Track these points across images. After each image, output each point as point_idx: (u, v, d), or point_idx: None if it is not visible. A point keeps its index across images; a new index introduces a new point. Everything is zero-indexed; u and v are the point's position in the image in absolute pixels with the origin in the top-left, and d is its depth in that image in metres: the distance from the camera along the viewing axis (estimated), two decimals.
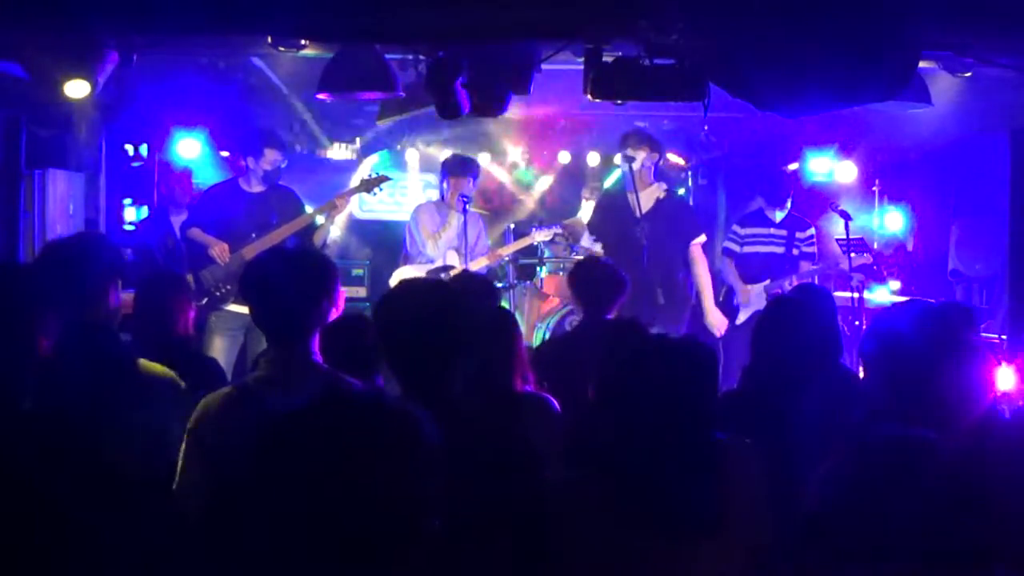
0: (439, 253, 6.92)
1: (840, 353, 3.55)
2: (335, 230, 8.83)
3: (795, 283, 6.87)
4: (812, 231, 7.25)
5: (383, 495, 1.41)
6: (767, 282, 7.01)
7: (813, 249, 7.23)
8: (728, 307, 7.17)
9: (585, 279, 4.83)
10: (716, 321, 6.68)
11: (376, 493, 1.40)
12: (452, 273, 6.69)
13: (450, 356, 2.60)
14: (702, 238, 6.72)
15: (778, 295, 5.90)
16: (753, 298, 7.03)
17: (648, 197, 6.56)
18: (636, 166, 6.45)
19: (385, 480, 1.41)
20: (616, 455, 2.45)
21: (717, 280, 7.48)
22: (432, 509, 1.46)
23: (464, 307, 2.67)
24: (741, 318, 7.04)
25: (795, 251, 7.14)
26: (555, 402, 3.40)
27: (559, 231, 7.65)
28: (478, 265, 6.79)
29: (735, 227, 7.41)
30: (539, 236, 7.48)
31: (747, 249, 7.17)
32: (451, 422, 2.31)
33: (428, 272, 6.83)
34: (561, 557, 2.49)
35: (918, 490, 1.34)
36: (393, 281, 6.99)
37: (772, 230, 7.15)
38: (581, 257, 6.84)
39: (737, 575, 2.40)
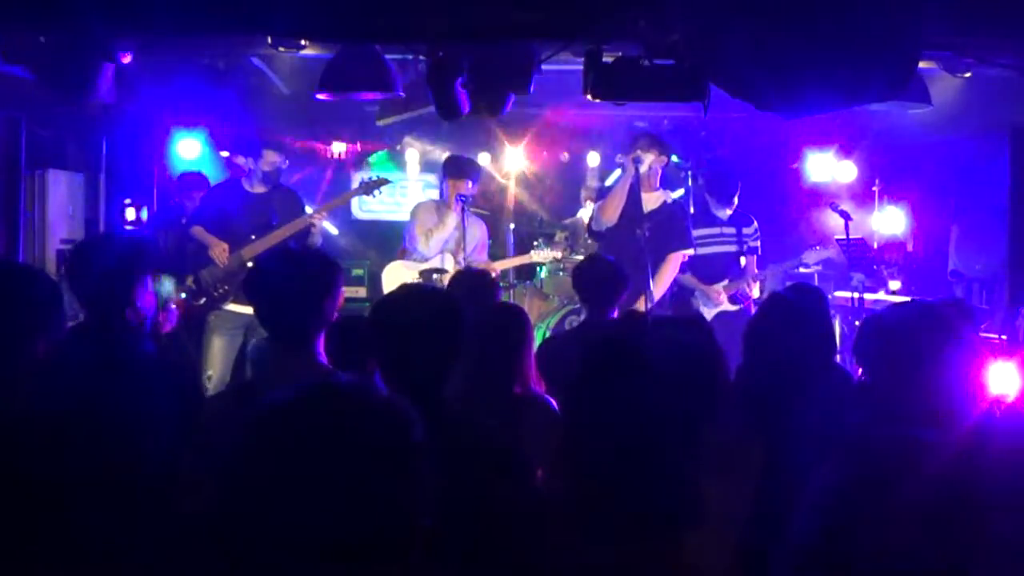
0: (430, 251, 6.84)
1: (834, 352, 3.54)
2: (333, 230, 8.82)
3: (754, 283, 6.83)
4: (755, 225, 7.09)
5: (372, 489, 1.40)
6: (725, 283, 6.88)
7: (757, 243, 7.08)
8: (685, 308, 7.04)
9: (588, 277, 4.83)
10: None
11: (365, 486, 1.39)
12: (445, 277, 6.65)
13: (443, 363, 2.60)
14: (690, 251, 6.60)
15: (774, 293, 5.85)
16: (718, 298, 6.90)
17: (653, 200, 6.51)
18: (644, 168, 6.33)
19: (374, 472, 1.40)
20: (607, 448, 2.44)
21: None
22: (423, 507, 1.44)
23: (460, 314, 2.68)
24: (707, 317, 6.95)
25: (745, 247, 7.00)
26: (555, 403, 3.38)
27: (557, 256, 7.60)
28: None
29: None
30: (537, 256, 7.48)
31: (702, 251, 6.91)
32: (442, 427, 2.31)
33: (420, 272, 6.80)
34: (547, 560, 2.49)
35: (917, 491, 1.34)
36: (385, 276, 6.97)
37: (722, 229, 6.99)
38: (581, 257, 6.77)
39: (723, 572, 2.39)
